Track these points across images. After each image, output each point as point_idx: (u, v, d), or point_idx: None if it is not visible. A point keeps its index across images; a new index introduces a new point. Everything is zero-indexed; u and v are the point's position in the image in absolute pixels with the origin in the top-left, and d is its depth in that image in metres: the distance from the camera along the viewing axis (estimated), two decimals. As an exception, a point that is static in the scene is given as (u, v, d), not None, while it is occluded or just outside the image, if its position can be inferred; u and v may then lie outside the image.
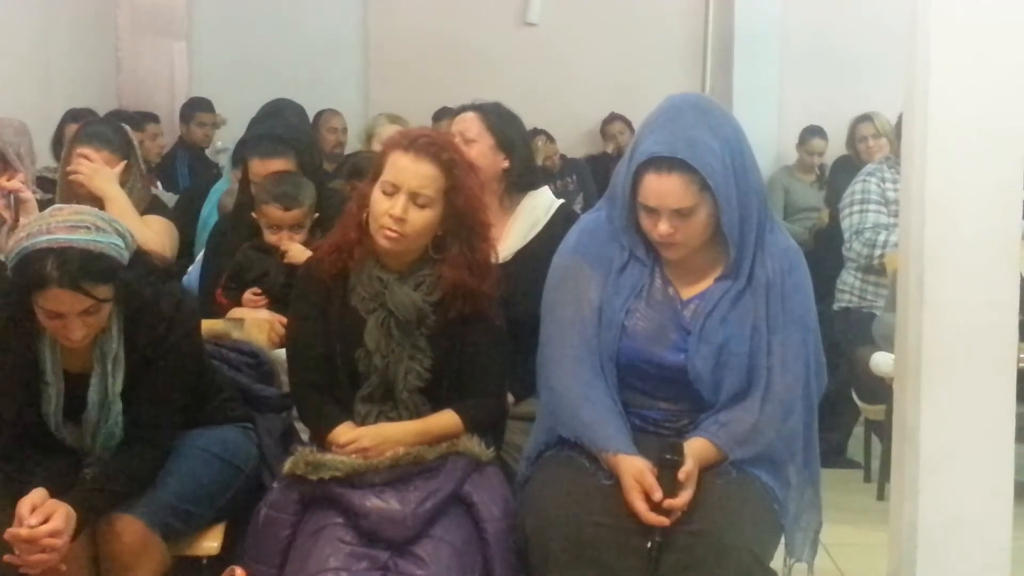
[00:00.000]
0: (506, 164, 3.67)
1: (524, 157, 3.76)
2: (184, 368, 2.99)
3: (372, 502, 2.89)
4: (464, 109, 3.79)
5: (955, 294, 3.08)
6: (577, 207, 6.86)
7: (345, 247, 3.06)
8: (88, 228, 2.78)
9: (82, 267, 2.72)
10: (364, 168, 3.78)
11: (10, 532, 2.69)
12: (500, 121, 3.71)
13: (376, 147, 5.64)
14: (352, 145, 7.73)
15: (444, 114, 6.42)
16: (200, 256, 4.28)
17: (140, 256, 2.92)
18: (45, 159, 5.69)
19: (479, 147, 3.61)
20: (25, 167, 4.42)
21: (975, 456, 3.10)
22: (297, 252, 3.87)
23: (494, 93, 3.96)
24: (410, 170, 2.99)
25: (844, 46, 8.47)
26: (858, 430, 5.85)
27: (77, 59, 7.46)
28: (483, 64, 8.57)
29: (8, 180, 4.04)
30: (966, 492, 3.11)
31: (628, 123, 8.46)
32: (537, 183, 3.81)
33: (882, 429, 5.12)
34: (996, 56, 3.05)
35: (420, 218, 2.99)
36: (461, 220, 3.04)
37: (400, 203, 2.97)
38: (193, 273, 4.24)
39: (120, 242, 2.82)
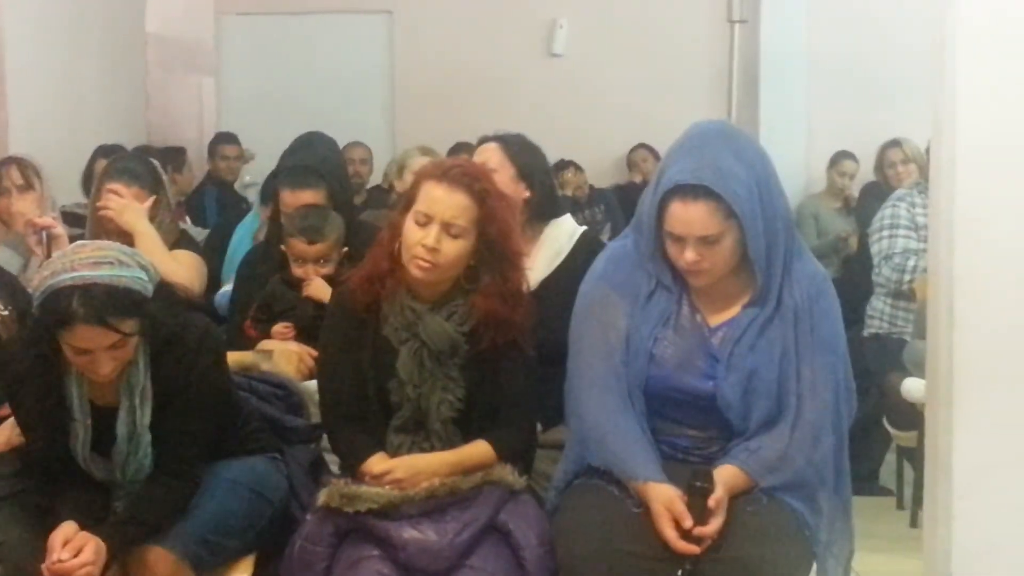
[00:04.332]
0: (527, 194, 3.67)
1: (545, 186, 3.76)
2: (211, 398, 2.99)
3: (409, 533, 2.89)
4: (485, 140, 3.80)
5: (985, 317, 3.06)
6: (605, 237, 6.84)
7: (377, 277, 3.06)
8: (111, 263, 2.79)
9: (107, 302, 2.72)
10: None
11: (44, 566, 2.70)
12: (521, 151, 3.72)
13: (408, 180, 5.65)
14: (377, 177, 7.75)
15: (460, 149, 6.40)
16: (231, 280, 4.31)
17: (164, 288, 2.92)
18: (75, 195, 5.73)
19: (500, 177, 3.57)
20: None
21: (1009, 482, 3.07)
22: (318, 287, 3.88)
23: (520, 124, 3.97)
24: (443, 200, 2.99)
25: (871, 72, 8.41)
26: (890, 457, 5.80)
27: (106, 95, 7.51)
28: (509, 95, 8.58)
29: (40, 215, 4.06)
30: (1000, 518, 3.08)
31: (654, 152, 8.45)
32: (559, 211, 3.82)
33: (914, 456, 5.07)
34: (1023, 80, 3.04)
35: (453, 248, 2.99)
36: (493, 250, 3.03)
37: (433, 233, 2.97)
38: (223, 295, 4.27)
39: (143, 275, 2.83)
